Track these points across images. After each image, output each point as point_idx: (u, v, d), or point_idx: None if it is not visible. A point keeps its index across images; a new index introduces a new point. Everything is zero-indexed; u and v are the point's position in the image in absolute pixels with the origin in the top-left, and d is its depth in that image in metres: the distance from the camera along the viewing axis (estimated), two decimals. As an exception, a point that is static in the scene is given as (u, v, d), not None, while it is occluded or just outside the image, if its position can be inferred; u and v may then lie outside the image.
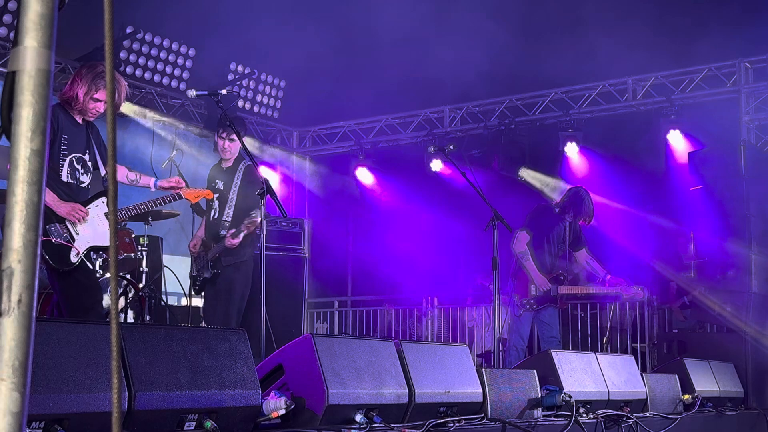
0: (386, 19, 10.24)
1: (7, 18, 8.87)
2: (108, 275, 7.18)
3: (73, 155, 5.12)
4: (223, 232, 6.59)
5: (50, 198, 4.98)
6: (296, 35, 10.57)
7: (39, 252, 1.20)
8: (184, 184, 5.81)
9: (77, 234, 5.10)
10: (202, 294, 6.71)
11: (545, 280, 7.85)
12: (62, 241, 5.01)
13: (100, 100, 5.08)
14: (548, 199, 10.71)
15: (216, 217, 6.65)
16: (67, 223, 5.06)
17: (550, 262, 7.99)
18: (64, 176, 5.07)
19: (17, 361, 1.16)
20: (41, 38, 1.22)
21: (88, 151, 5.23)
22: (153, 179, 5.69)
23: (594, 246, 8.73)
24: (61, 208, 5.03)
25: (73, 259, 5.09)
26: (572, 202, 8.03)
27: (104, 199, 5.24)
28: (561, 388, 5.13)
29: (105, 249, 5.38)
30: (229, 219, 6.65)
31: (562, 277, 7.98)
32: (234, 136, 6.50)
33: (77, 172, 5.14)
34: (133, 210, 5.58)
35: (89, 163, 5.24)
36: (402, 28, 10.45)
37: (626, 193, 11.22)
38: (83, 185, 5.20)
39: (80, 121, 5.18)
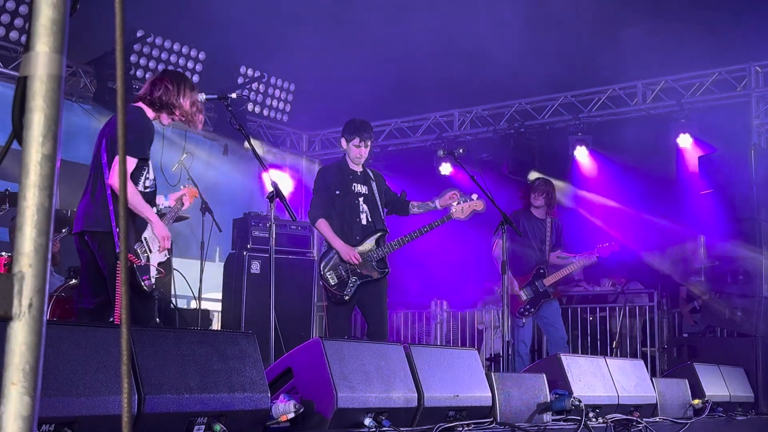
0: (394, 21, 10.25)
1: (18, 22, 8.91)
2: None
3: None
4: (372, 235, 6.57)
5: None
6: (305, 39, 10.59)
7: (49, 256, 1.20)
8: (187, 192, 5.66)
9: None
10: (347, 298, 6.40)
11: (514, 283, 7.92)
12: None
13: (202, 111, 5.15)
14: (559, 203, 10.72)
15: (370, 220, 6.56)
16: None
17: (532, 262, 8.06)
18: (143, 183, 4.96)
19: (28, 365, 1.16)
20: (53, 43, 1.23)
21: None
22: (161, 197, 5.55)
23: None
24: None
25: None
26: (535, 190, 8.16)
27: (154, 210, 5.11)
28: (570, 393, 5.12)
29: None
30: (384, 221, 6.68)
31: (542, 270, 8.07)
32: (370, 142, 6.67)
33: (147, 180, 5.03)
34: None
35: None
36: (410, 31, 10.46)
37: (636, 197, 11.19)
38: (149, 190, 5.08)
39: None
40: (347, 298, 6.38)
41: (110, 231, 4.71)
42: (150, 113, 5.02)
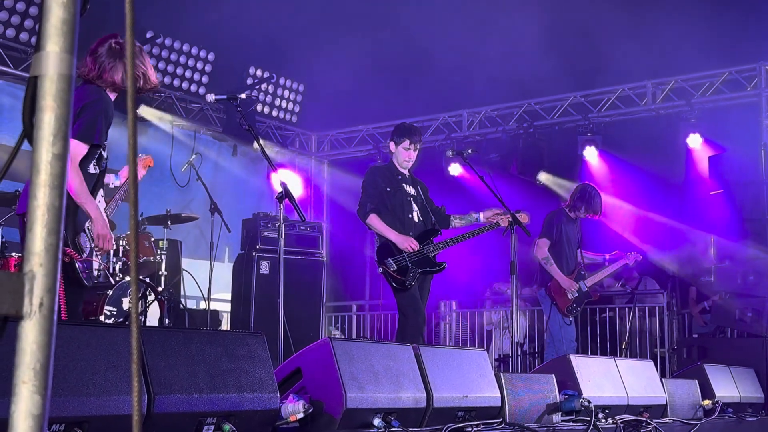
0: (403, 23, 10.25)
1: (28, 23, 8.95)
2: (128, 278, 7.22)
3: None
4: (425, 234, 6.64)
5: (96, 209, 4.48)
6: (314, 39, 10.60)
7: (60, 256, 1.21)
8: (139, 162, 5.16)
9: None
10: (408, 284, 6.42)
11: (572, 282, 8.02)
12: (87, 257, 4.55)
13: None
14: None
15: (421, 218, 6.65)
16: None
17: (572, 263, 8.13)
18: (93, 167, 4.57)
19: (38, 364, 1.17)
20: (63, 43, 1.23)
21: None
22: (112, 176, 5.17)
23: (611, 250, 8.75)
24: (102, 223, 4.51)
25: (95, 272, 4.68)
26: (581, 197, 8.20)
27: (101, 191, 4.74)
28: (580, 393, 5.11)
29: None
30: (434, 223, 6.73)
31: (583, 272, 8.18)
32: (419, 145, 6.69)
33: (102, 162, 4.66)
34: (113, 204, 5.05)
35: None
36: (419, 32, 10.45)
37: (646, 197, 11.16)
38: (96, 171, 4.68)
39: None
40: (408, 284, 6.39)
41: None
42: (112, 94, 4.61)
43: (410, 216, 6.59)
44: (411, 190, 6.69)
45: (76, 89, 4.55)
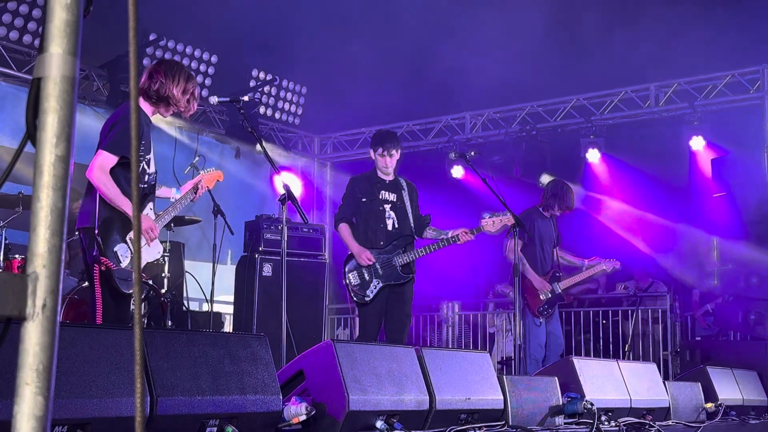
0: (407, 24, 10.26)
1: (31, 26, 8.96)
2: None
3: (147, 156, 4.94)
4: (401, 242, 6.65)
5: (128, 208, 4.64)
6: (317, 42, 10.61)
7: (63, 257, 1.21)
8: (204, 177, 5.65)
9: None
10: (368, 299, 6.50)
11: (545, 283, 7.96)
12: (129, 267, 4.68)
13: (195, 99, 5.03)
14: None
15: (397, 227, 6.67)
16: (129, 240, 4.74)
17: (548, 263, 8.08)
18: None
19: (41, 365, 1.17)
20: (66, 45, 1.23)
21: (152, 151, 5.03)
22: (173, 189, 5.55)
23: (615, 253, 8.73)
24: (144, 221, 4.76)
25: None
26: (554, 194, 8.19)
27: (151, 204, 5.01)
28: (582, 396, 5.11)
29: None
30: (414, 228, 6.74)
31: (558, 274, 8.09)
32: (394, 151, 6.68)
33: (146, 175, 4.94)
34: (166, 216, 5.27)
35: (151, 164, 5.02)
36: (423, 34, 10.46)
37: (649, 200, 11.15)
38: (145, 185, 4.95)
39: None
40: (368, 299, 6.49)
41: (94, 227, 4.55)
42: (148, 108, 4.94)
43: (382, 225, 6.65)
44: (390, 196, 6.72)
45: (117, 107, 5.00)
